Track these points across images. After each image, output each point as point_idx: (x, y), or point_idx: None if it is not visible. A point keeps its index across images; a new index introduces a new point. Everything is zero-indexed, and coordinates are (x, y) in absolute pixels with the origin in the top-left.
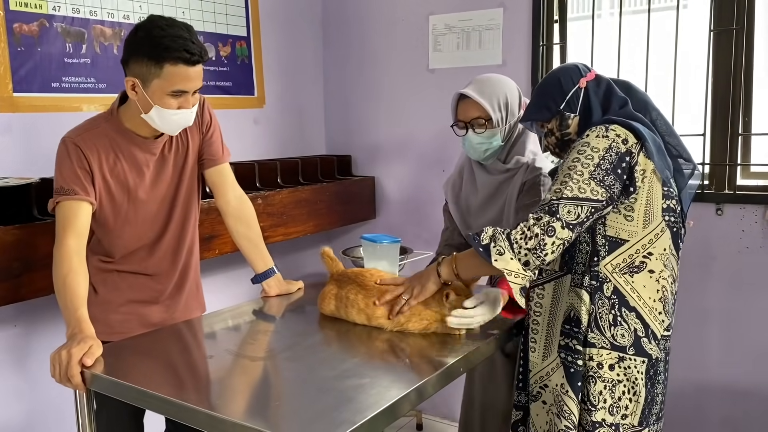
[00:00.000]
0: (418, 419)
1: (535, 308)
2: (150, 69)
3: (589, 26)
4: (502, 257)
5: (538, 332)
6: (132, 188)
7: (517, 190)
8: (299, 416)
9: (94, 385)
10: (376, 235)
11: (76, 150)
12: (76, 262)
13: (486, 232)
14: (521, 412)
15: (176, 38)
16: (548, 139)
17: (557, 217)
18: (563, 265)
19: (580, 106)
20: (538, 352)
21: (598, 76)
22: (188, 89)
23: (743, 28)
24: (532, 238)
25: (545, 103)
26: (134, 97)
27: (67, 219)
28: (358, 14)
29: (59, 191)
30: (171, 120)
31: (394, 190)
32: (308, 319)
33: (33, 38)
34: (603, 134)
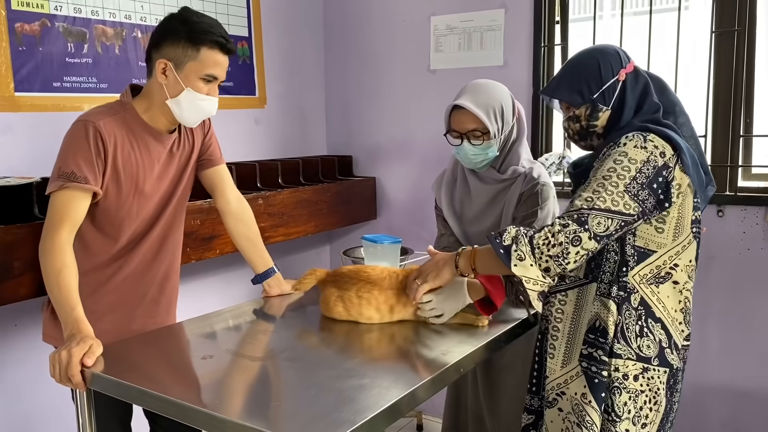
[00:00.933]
0: (418, 420)
1: (556, 314)
2: (186, 51)
3: (591, 27)
4: (522, 263)
5: (558, 339)
6: (140, 181)
7: (516, 201)
8: (299, 416)
9: (95, 385)
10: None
11: (97, 134)
12: (69, 256)
13: (509, 233)
14: (533, 416)
15: (213, 25)
16: (571, 125)
17: (586, 227)
18: (588, 272)
19: (614, 101)
20: (557, 359)
21: (636, 69)
22: (219, 76)
23: (745, 30)
24: (555, 246)
25: (578, 87)
26: (163, 80)
27: (68, 208)
28: (360, 15)
29: (69, 176)
30: (198, 106)
31: (395, 191)
32: (308, 319)
33: (35, 38)
34: (641, 145)
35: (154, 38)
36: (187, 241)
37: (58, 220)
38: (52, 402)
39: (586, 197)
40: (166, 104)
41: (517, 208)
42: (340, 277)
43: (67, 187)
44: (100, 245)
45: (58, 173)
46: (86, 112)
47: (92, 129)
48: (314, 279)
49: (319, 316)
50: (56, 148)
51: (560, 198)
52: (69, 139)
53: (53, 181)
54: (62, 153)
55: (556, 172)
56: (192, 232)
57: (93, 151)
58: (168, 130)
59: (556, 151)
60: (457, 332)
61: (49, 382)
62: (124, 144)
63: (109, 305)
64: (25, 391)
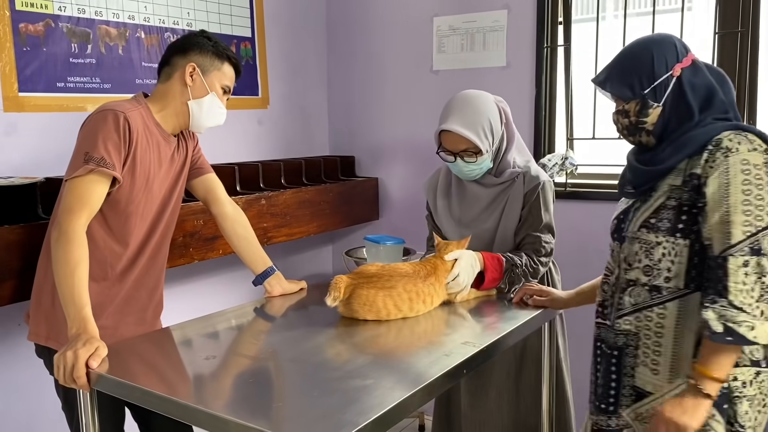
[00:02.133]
0: (420, 420)
1: (656, 329)
2: (212, 62)
3: (594, 28)
4: (755, 330)
5: (661, 354)
6: (150, 177)
7: (521, 200)
8: (302, 417)
9: (99, 386)
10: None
11: (126, 123)
12: (85, 249)
13: (708, 318)
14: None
15: (231, 50)
16: (620, 119)
17: (763, 253)
18: (689, 281)
19: (667, 97)
20: (662, 375)
21: (694, 63)
22: (231, 89)
23: (748, 31)
24: (754, 288)
25: (629, 81)
26: (189, 82)
27: (89, 193)
28: (362, 15)
29: (99, 161)
30: (215, 112)
31: (397, 191)
32: (311, 319)
33: (38, 38)
34: (751, 147)
35: (178, 46)
36: (190, 241)
37: (78, 205)
38: (54, 402)
39: (744, 221)
40: (183, 106)
41: (524, 209)
42: (378, 277)
43: (94, 171)
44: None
45: (84, 158)
46: (110, 103)
47: (122, 118)
48: (344, 284)
49: (321, 316)
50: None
51: (561, 199)
52: (96, 125)
53: (78, 166)
54: (89, 139)
55: (559, 173)
56: (195, 232)
57: (121, 139)
58: (173, 134)
59: (559, 151)
60: (461, 333)
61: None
62: (142, 138)
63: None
64: (27, 391)
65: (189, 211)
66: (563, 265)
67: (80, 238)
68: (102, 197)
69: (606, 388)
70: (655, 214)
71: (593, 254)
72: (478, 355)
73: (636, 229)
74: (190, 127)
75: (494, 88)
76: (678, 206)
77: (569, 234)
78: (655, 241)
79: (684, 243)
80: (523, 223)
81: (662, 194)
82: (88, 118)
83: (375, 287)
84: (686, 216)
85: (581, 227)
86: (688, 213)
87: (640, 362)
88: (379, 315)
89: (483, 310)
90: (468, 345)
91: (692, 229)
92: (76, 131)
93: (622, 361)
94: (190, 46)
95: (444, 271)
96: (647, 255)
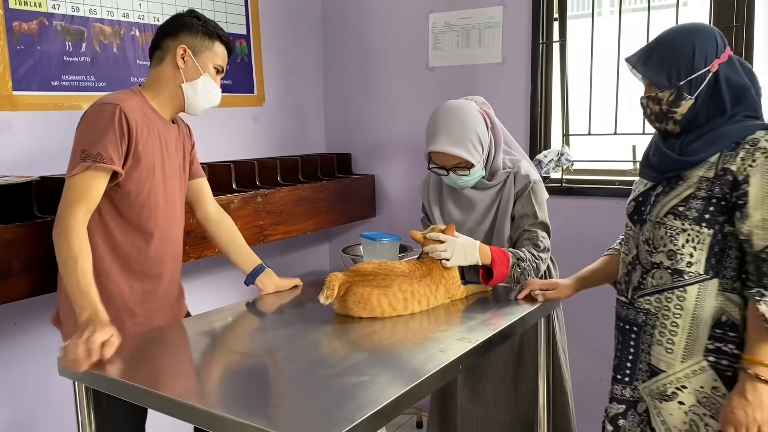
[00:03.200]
0: (418, 417)
1: (675, 310)
2: (203, 42)
3: (589, 24)
4: None
5: (677, 334)
6: (157, 165)
7: (512, 201)
8: (299, 414)
9: (95, 384)
10: (375, 233)
11: (122, 116)
12: (85, 241)
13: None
14: (623, 405)
15: (221, 28)
16: (651, 104)
17: None
18: (709, 268)
19: (701, 91)
20: (676, 354)
21: (731, 59)
22: (224, 68)
23: (743, 26)
24: None
25: (666, 69)
26: (181, 65)
27: (86, 187)
28: (358, 12)
29: (95, 157)
30: (209, 93)
31: (393, 188)
32: (307, 316)
33: (32, 37)
34: None
35: (167, 29)
36: (186, 239)
37: (75, 201)
38: (52, 401)
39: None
40: (177, 89)
41: (516, 207)
42: (374, 276)
43: (91, 168)
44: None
45: (81, 155)
46: (106, 96)
47: (118, 111)
48: (338, 282)
49: (317, 313)
50: (55, 147)
51: (557, 195)
52: (92, 120)
53: (76, 164)
54: (85, 135)
55: (554, 169)
56: (191, 231)
57: (118, 132)
58: (171, 119)
59: (555, 148)
60: (457, 329)
61: (49, 381)
62: (143, 127)
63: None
64: (24, 391)
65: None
66: (560, 260)
67: (80, 231)
68: (101, 192)
69: (623, 360)
70: (684, 202)
71: (590, 249)
72: (474, 350)
73: (663, 215)
74: (185, 110)
75: (490, 84)
76: (708, 197)
77: (566, 229)
78: (680, 228)
79: (708, 232)
80: (518, 221)
81: (693, 185)
82: (85, 113)
83: (370, 285)
84: (714, 208)
85: (577, 223)
86: (716, 205)
87: (656, 341)
88: (373, 313)
89: (479, 305)
90: (464, 341)
91: (717, 220)
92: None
93: (641, 338)
94: (179, 28)
95: (439, 273)
96: (672, 240)
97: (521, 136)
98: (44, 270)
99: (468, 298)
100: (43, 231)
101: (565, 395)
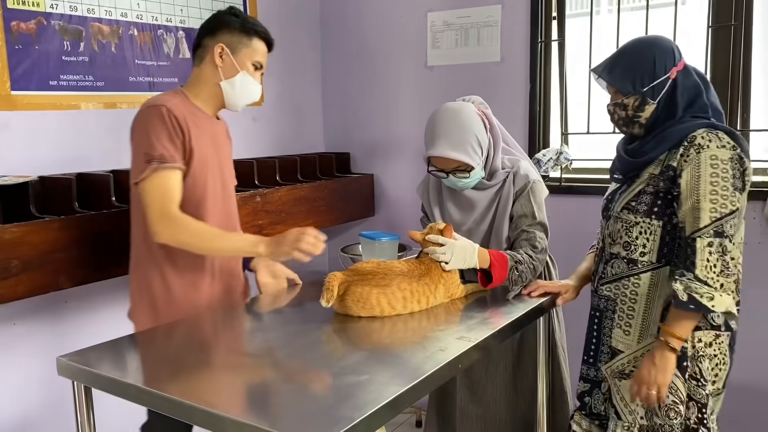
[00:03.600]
0: (417, 416)
1: (631, 296)
2: (241, 39)
3: (588, 23)
4: (714, 300)
5: (633, 317)
6: (208, 159)
7: (511, 201)
8: (298, 413)
9: (93, 383)
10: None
11: (171, 115)
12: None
13: (676, 289)
14: (589, 384)
15: (261, 25)
16: (617, 111)
17: (725, 235)
18: (662, 257)
19: (662, 97)
20: (633, 335)
21: (686, 67)
22: (264, 65)
23: (741, 24)
24: (717, 264)
25: (631, 77)
26: (219, 63)
27: (168, 187)
28: (357, 12)
29: (160, 159)
30: (248, 89)
31: (392, 188)
32: (306, 316)
33: (31, 36)
34: (720, 144)
35: (206, 28)
36: None
37: (168, 201)
38: (51, 402)
39: (710, 209)
40: (216, 87)
41: (515, 207)
42: (373, 275)
43: (159, 169)
44: None
45: (145, 159)
46: (152, 99)
47: (166, 111)
48: (337, 283)
49: (317, 312)
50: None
51: (556, 194)
52: (145, 124)
53: (143, 169)
54: (143, 139)
55: (553, 168)
56: None
57: (172, 131)
58: (215, 116)
59: (554, 146)
60: (456, 328)
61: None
62: (191, 125)
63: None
64: (24, 391)
65: None
66: (559, 259)
67: (186, 217)
68: (180, 185)
69: (589, 343)
70: (635, 197)
71: (589, 248)
72: (473, 349)
73: (619, 210)
74: (226, 106)
75: (488, 83)
76: (655, 192)
77: (564, 228)
78: (633, 221)
79: (658, 224)
80: (517, 221)
81: (643, 181)
82: (134, 119)
83: (369, 285)
84: (661, 201)
85: (576, 221)
86: (663, 199)
87: (615, 324)
88: (372, 312)
89: (478, 304)
90: (463, 340)
91: (665, 213)
92: (69, 129)
93: (602, 323)
94: (218, 26)
95: (438, 272)
96: (627, 233)
97: (520, 135)
98: (43, 270)
99: (467, 297)
100: (41, 231)
101: (564, 394)
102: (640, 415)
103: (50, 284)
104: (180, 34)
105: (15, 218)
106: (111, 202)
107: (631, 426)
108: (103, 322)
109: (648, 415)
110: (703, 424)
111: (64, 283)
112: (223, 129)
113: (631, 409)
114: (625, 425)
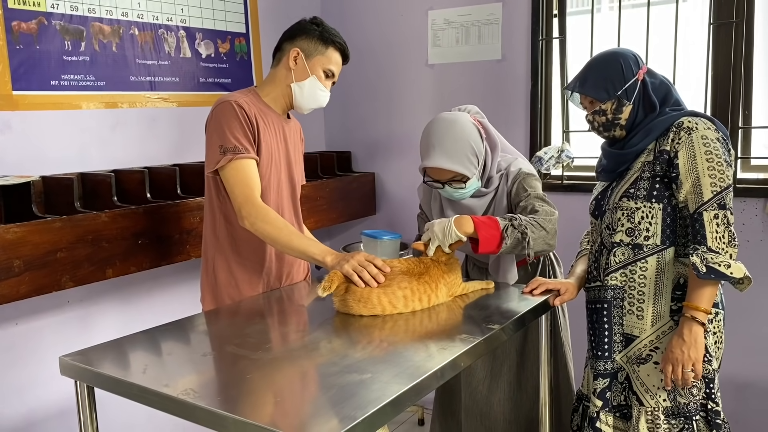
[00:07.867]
0: (419, 414)
1: (639, 281)
2: (317, 47)
3: (589, 20)
4: (731, 267)
5: (644, 302)
6: (275, 152)
7: (505, 197)
8: (300, 412)
9: (95, 383)
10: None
11: (242, 110)
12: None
13: (694, 262)
14: (608, 379)
15: (339, 35)
16: (597, 118)
17: (727, 207)
18: (665, 239)
19: (635, 97)
20: (646, 319)
21: (650, 70)
22: (336, 74)
23: (743, 21)
24: (724, 235)
25: (603, 85)
26: (293, 66)
27: (251, 177)
28: (357, 10)
29: (233, 150)
30: (316, 94)
31: (394, 186)
32: (309, 315)
33: (32, 36)
34: (706, 126)
35: (288, 33)
36: (187, 238)
37: (249, 189)
38: (52, 402)
39: (711, 183)
40: (287, 88)
41: (510, 201)
42: None
43: (235, 159)
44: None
45: (221, 150)
46: (221, 96)
47: (238, 107)
48: (338, 278)
49: (318, 311)
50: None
51: (558, 191)
52: (219, 118)
53: (218, 159)
54: (217, 132)
55: (555, 166)
56: (192, 229)
57: (244, 124)
58: (284, 113)
59: (555, 144)
60: (458, 326)
61: (50, 381)
62: (259, 120)
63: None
64: (25, 391)
65: (185, 207)
66: (563, 257)
67: (268, 209)
68: (257, 174)
69: (600, 337)
70: (633, 185)
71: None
72: (474, 348)
73: (617, 200)
74: (294, 107)
75: (489, 81)
76: (652, 177)
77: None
78: (635, 207)
79: (658, 207)
80: (514, 207)
81: (638, 170)
82: (209, 116)
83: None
84: (659, 184)
85: (579, 219)
86: (661, 182)
87: (626, 311)
88: (374, 311)
89: (480, 303)
90: (465, 338)
91: (664, 195)
92: (71, 129)
93: (612, 312)
94: (298, 32)
95: (440, 271)
96: (629, 219)
97: (521, 133)
98: (45, 270)
99: (469, 296)
100: (44, 231)
101: (571, 393)
102: (663, 397)
103: (52, 284)
104: (181, 33)
105: (17, 218)
106: (113, 202)
107: (654, 410)
108: (106, 321)
109: (671, 396)
110: (711, 399)
111: (67, 282)
112: (297, 128)
113: (653, 393)
114: (648, 410)
